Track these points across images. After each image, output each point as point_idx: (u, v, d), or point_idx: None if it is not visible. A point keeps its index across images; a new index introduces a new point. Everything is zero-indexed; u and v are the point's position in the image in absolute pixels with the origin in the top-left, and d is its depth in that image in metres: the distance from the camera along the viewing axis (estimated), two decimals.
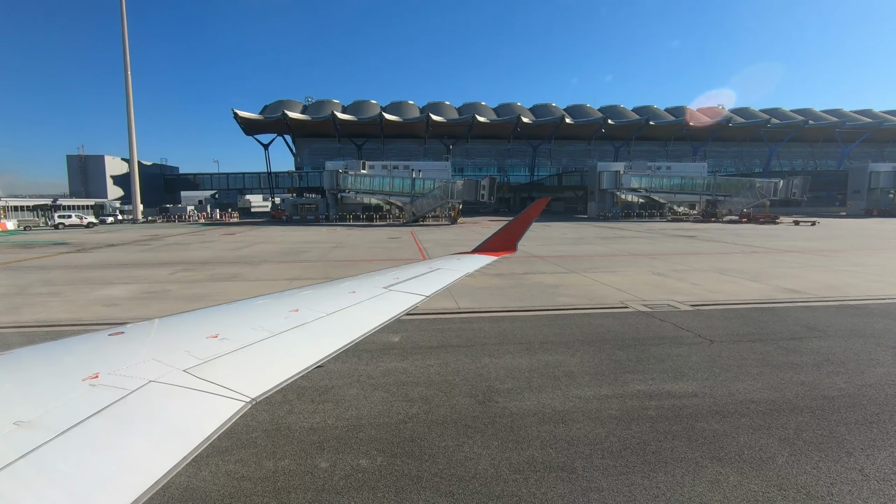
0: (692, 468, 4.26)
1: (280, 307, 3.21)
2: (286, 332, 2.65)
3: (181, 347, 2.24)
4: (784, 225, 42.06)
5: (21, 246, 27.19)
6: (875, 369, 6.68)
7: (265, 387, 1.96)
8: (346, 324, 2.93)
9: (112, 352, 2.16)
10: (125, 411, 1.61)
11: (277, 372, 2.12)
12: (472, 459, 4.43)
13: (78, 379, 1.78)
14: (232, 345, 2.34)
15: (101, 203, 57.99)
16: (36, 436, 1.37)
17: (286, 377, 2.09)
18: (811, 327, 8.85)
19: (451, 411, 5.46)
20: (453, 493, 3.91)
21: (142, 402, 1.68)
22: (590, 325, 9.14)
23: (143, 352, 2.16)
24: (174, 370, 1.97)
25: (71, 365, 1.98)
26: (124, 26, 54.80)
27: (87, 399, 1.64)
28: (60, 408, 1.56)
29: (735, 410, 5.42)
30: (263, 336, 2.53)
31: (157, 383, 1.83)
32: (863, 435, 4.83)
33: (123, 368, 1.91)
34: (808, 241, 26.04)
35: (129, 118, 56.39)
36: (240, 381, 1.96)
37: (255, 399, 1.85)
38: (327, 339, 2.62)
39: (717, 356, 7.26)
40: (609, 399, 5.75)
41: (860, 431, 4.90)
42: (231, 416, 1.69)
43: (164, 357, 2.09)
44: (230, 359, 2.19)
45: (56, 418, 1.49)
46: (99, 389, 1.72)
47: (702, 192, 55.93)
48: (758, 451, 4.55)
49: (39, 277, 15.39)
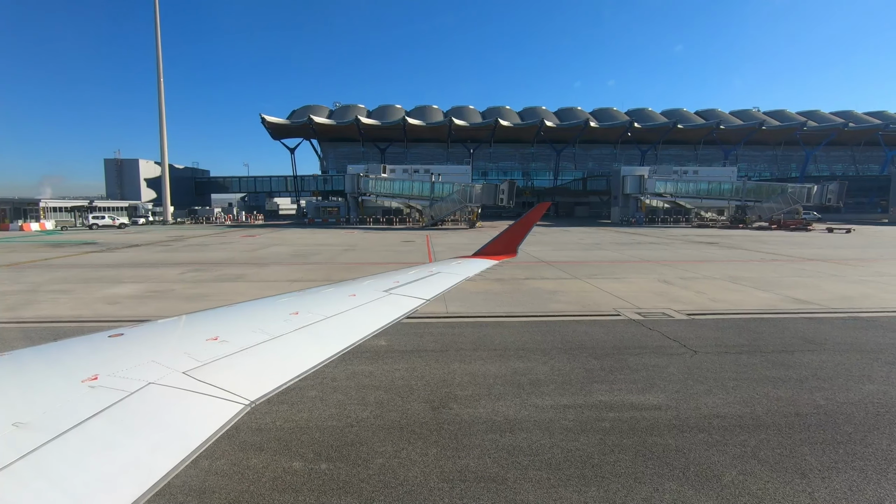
0: (629, 483, 4.09)
1: (280, 310, 3.22)
2: (286, 334, 2.65)
3: (181, 349, 2.25)
4: (816, 232, 40.32)
5: (53, 245, 28.55)
6: (863, 386, 6.29)
7: (264, 389, 1.97)
8: (346, 327, 2.94)
9: (111, 353, 2.16)
10: (124, 413, 1.61)
11: (277, 375, 2.14)
12: (405, 466, 4.37)
13: (77, 380, 1.78)
14: (231, 347, 2.35)
15: (134, 205, 60.39)
16: (35, 437, 1.38)
17: (285, 380, 2.10)
18: (808, 340, 8.42)
19: (401, 416, 5.42)
20: (373, 500, 3.87)
21: (141, 404, 1.69)
22: (574, 332, 8.94)
23: (143, 354, 2.16)
24: (174, 372, 1.97)
25: (70, 366, 1.99)
26: (158, 40, 57.06)
27: (86, 401, 1.64)
28: (59, 409, 1.56)
29: (695, 425, 5.19)
30: (263, 339, 2.54)
31: (156, 385, 1.83)
32: (826, 456, 4.55)
33: (123, 370, 1.92)
34: (837, 250, 24.84)
35: (161, 124, 58.60)
36: (239, 384, 1.97)
37: (254, 401, 1.85)
38: (327, 342, 2.64)
39: (696, 368, 6.98)
40: (567, 409, 5.60)
41: (824, 452, 4.62)
42: (230, 418, 1.70)
43: (164, 359, 2.09)
44: (229, 361, 2.20)
45: (55, 420, 1.49)
46: (98, 391, 1.72)
47: (730, 198, 54.11)
48: (706, 467, 4.34)
49: (58, 275, 16.11)
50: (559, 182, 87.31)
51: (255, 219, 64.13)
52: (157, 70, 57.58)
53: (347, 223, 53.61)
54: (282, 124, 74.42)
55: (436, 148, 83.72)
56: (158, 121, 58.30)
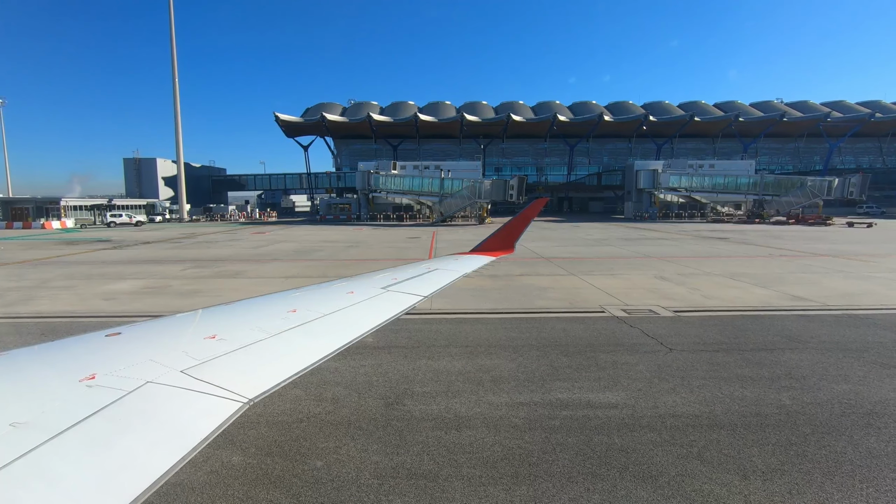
0: (560, 483, 4.04)
1: (278, 308, 3.21)
2: (284, 332, 2.66)
3: (179, 348, 2.25)
4: (836, 226, 39.12)
5: (67, 242, 29.40)
6: (836, 386, 6.09)
7: (263, 387, 1.97)
8: (344, 324, 2.95)
9: (109, 353, 2.16)
10: (122, 412, 1.61)
11: (275, 372, 2.14)
12: (342, 462, 4.39)
13: (75, 380, 1.78)
14: (229, 345, 2.36)
15: (152, 203, 61.80)
16: (33, 436, 1.38)
17: (284, 378, 2.11)
18: (793, 338, 8.18)
19: (353, 413, 5.44)
20: (300, 495, 3.90)
21: (139, 403, 1.69)
22: (552, 329, 8.84)
23: (141, 352, 2.16)
24: (171, 371, 1.97)
25: (68, 366, 1.99)
26: (173, 43, 58.08)
27: (84, 400, 1.64)
28: (57, 409, 1.56)
29: (647, 424, 5.10)
30: (261, 337, 2.54)
31: (154, 384, 1.83)
32: (774, 458, 4.42)
33: (120, 369, 1.92)
34: (853, 245, 24.07)
35: (177, 124, 59.81)
36: (237, 382, 1.97)
37: (252, 399, 1.86)
38: (325, 339, 2.64)
39: (666, 366, 6.84)
40: (521, 406, 5.55)
41: (773, 454, 4.49)
42: (228, 416, 1.70)
43: (162, 358, 2.10)
44: (228, 359, 2.20)
45: (53, 419, 1.49)
46: (96, 390, 1.72)
47: (746, 192, 52.82)
48: (645, 468, 4.25)
49: (64, 272, 16.58)
50: (573, 177, 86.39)
51: (269, 216, 65.03)
52: (171, 71, 58.68)
53: (358, 220, 53.96)
54: (295, 122, 75.19)
55: (448, 144, 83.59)
56: (174, 120, 59.53)
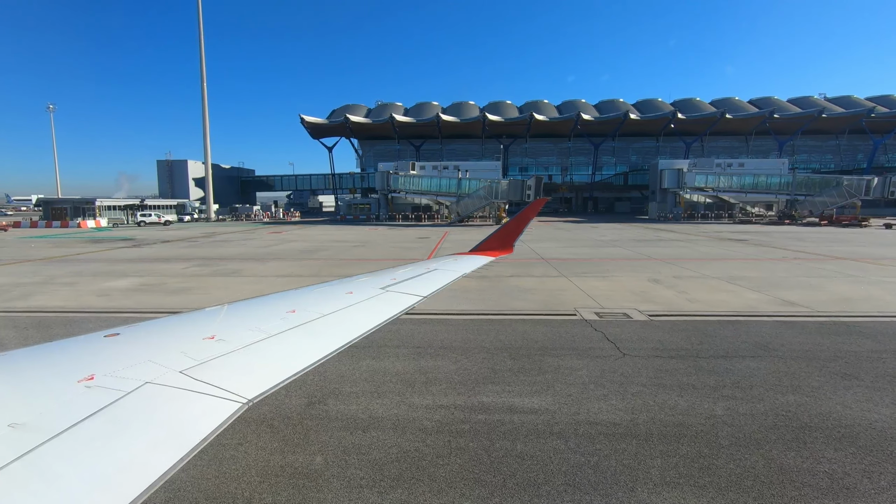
0: (438, 487, 3.99)
1: (277, 308, 3.22)
2: (283, 333, 2.67)
3: (177, 349, 2.26)
4: (872, 228, 37.05)
5: (92, 241, 30.82)
6: (782, 397, 5.78)
7: (261, 388, 1.99)
8: (343, 325, 2.96)
9: (107, 353, 2.17)
10: (121, 413, 1.61)
11: (274, 373, 2.16)
12: (235, 459, 4.46)
13: (73, 380, 1.79)
14: (228, 346, 2.37)
15: (182, 203, 64.12)
16: (31, 437, 1.38)
17: (282, 378, 2.13)
18: (762, 345, 7.80)
19: (272, 410, 5.51)
20: (180, 490, 3.98)
21: (138, 404, 1.69)
22: (513, 332, 8.72)
23: (139, 353, 2.17)
24: (170, 371, 1.98)
25: (66, 366, 2.00)
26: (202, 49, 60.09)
27: (82, 400, 1.64)
28: (56, 409, 1.57)
29: (559, 431, 4.96)
30: (260, 337, 2.56)
31: (153, 385, 1.84)
32: (674, 470, 4.23)
33: (119, 370, 1.93)
34: (877, 248, 22.77)
35: (205, 127, 61.86)
36: (236, 383, 1.99)
37: (251, 400, 1.87)
38: (324, 340, 2.65)
39: (610, 372, 6.64)
40: (439, 409, 5.50)
41: (675, 466, 4.30)
42: (227, 417, 1.71)
43: (160, 358, 2.11)
44: (226, 360, 2.21)
45: (51, 420, 1.50)
46: (94, 391, 1.72)
47: (777, 191, 50.65)
48: (533, 475, 4.15)
49: (75, 269, 17.41)
50: (599, 177, 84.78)
51: (292, 216, 66.46)
52: (200, 75, 60.78)
53: (377, 220, 54.52)
54: (320, 124, 76.58)
55: (471, 144, 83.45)
56: (202, 123, 61.59)
